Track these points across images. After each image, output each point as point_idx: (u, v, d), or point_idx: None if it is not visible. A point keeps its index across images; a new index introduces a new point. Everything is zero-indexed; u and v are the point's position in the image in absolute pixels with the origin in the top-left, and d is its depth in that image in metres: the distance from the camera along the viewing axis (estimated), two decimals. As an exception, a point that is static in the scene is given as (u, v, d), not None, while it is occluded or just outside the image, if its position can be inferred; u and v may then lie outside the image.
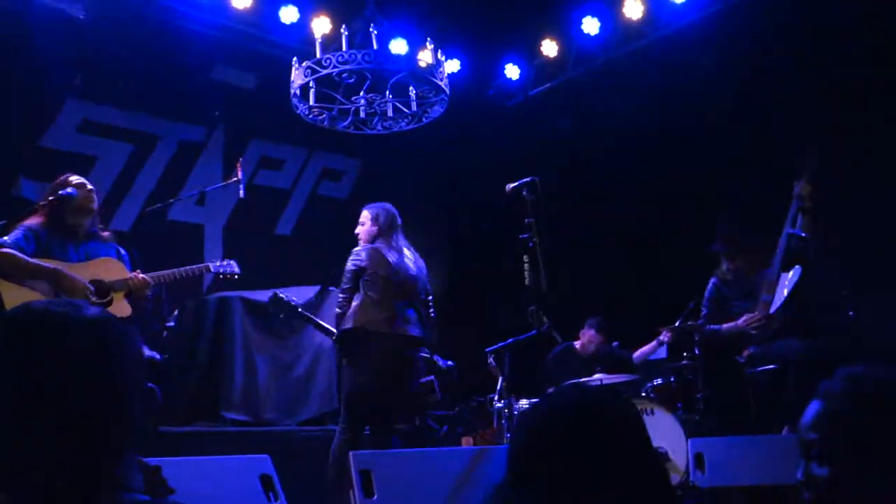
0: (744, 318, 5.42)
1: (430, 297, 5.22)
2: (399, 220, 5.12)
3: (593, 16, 7.37)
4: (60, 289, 3.83)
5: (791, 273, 5.30)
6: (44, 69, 6.56)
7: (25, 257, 3.81)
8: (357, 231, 5.09)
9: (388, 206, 5.12)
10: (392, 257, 4.90)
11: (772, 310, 5.35)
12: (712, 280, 5.67)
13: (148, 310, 4.83)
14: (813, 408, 1.50)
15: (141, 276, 4.15)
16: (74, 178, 4.14)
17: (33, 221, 4.00)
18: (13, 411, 1.02)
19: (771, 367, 5.26)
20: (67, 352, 1.05)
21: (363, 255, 4.90)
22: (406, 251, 5.06)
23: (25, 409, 1.02)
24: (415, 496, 3.01)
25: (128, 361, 1.11)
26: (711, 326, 5.62)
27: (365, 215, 5.08)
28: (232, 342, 6.06)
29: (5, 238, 3.85)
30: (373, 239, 4.98)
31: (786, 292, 5.29)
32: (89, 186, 4.19)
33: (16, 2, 6.24)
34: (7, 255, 3.76)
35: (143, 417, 1.17)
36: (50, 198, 3.99)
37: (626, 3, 7.04)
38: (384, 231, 5.02)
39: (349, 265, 4.92)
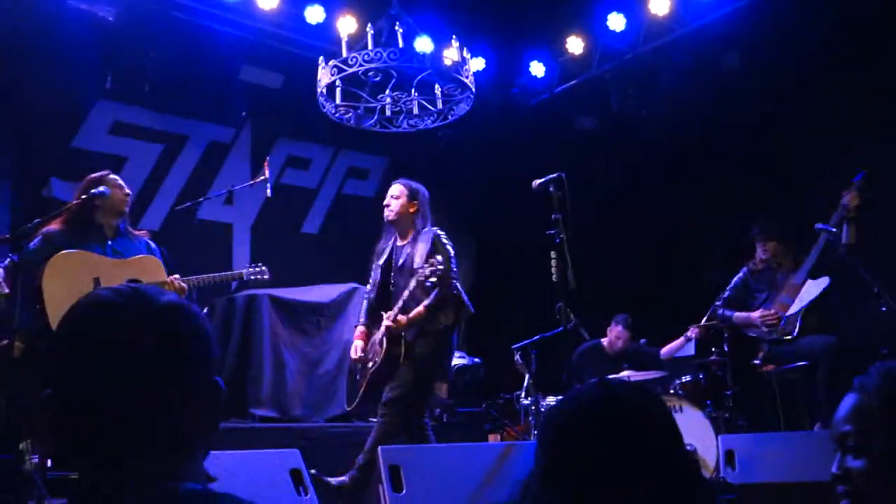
0: (759, 311, 5.44)
1: None
2: None
3: (619, 12, 7.33)
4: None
5: (817, 284, 5.27)
6: (74, 71, 6.66)
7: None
8: (390, 203, 4.67)
9: (421, 186, 4.81)
10: None
11: (787, 313, 5.33)
12: (743, 269, 5.76)
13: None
14: (848, 401, 1.50)
15: (178, 282, 4.20)
16: (112, 178, 4.19)
17: (53, 227, 4.05)
18: (84, 404, 1.02)
19: (801, 363, 5.23)
20: (139, 345, 1.03)
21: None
22: None
23: (96, 402, 1.01)
24: (443, 491, 3.03)
25: (200, 354, 1.09)
26: (725, 311, 5.69)
27: (401, 190, 4.68)
28: (260, 339, 6.13)
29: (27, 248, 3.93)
30: (414, 219, 4.61)
31: (805, 301, 5.28)
32: (126, 190, 4.25)
33: (47, 5, 6.33)
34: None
35: (210, 412, 1.13)
36: (83, 196, 4.05)
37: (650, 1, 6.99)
38: (426, 215, 4.70)
39: (451, 248, 4.57)
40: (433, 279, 4.27)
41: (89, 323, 1.05)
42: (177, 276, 4.25)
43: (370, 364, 4.48)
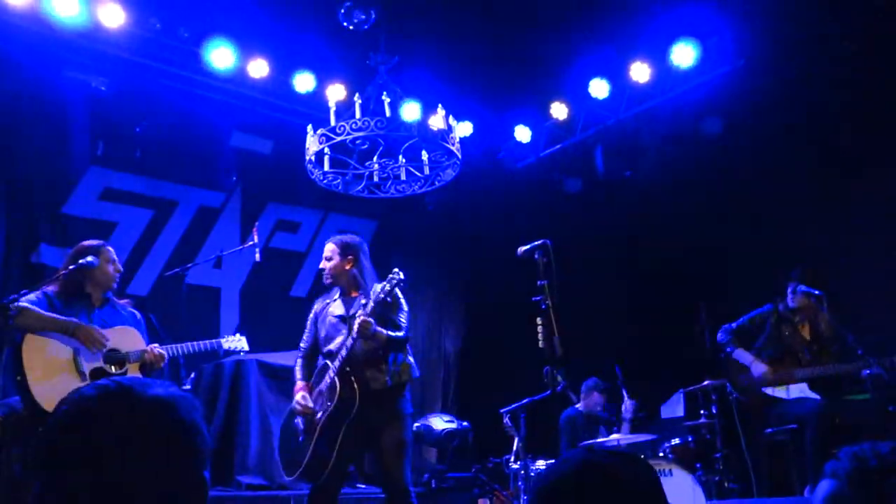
0: (764, 369, 5.30)
1: None
2: None
3: (601, 77, 7.51)
4: (77, 338, 3.89)
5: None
6: (67, 138, 6.79)
7: (44, 311, 3.89)
8: (325, 266, 4.43)
9: (354, 238, 4.54)
10: None
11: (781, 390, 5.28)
12: (769, 305, 5.48)
13: (165, 372, 4.85)
14: (823, 487, 1.52)
15: (157, 350, 4.20)
16: (107, 250, 4.21)
17: (49, 288, 4.08)
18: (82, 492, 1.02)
19: (790, 426, 5.21)
20: (127, 444, 1.04)
21: None
22: None
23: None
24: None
25: (188, 447, 1.09)
26: (731, 346, 5.45)
27: (332, 250, 4.42)
28: (247, 405, 6.09)
29: (22, 301, 3.91)
30: (353, 274, 4.37)
31: (794, 395, 5.23)
32: (119, 266, 4.27)
33: (43, 74, 6.46)
34: (27, 308, 3.86)
35: None
36: (70, 266, 4.07)
37: (633, 67, 7.18)
38: (364, 265, 4.44)
39: (405, 303, 4.41)
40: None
41: (75, 426, 1.06)
42: (155, 345, 4.24)
43: (319, 414, 4.21)
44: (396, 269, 4.18)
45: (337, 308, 4.43)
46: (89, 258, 4.05)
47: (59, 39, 6.24)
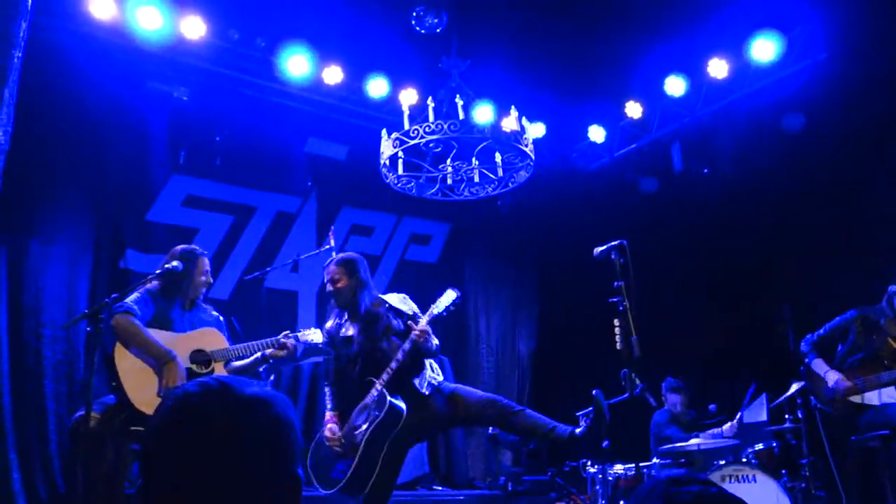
0: (838, 377, 5.04)
1: None
2: None
3: (678, 74, 7.36)
4: (162, 370, 3.91)
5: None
6: (150, 148, 7.01)
7: (143, 329, 3.97)
8: (334, 289, 4.42)
9: (354, 255, 4.62)
10: None
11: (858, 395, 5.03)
12: (852, 311, 5.16)
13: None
14: None
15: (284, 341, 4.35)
16: (203, 260, 4.33)
17: (152, 286, 4.20)
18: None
19: (882, 432, 4.99)
20: (226, 440, 1.08)
21: None
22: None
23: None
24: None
25: (283, 444, 1.13)
26: (811, 356, 5.21)
27: (339, 272, 4.43)
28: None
29: (127, 301, 4.01)
30: (359, 291, 4.41)
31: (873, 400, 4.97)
32: (210, 279, 4.36)
33: (128, 86, 6.70)
34: (126, 323, 3.91)
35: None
36: (157, 271, 4.19)
37: (710, 63, 7.01)
38: (368, 279, 4.54)
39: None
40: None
41: (180, 420, 1.10)
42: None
43: (364, 427, 4.18)
44: (456, 291, 4.34)
45: (350, 329, 4.43)
46: (174, 263, 4.16)
47: (142, 52, 6.47)
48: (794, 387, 5.62)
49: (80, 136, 6.49)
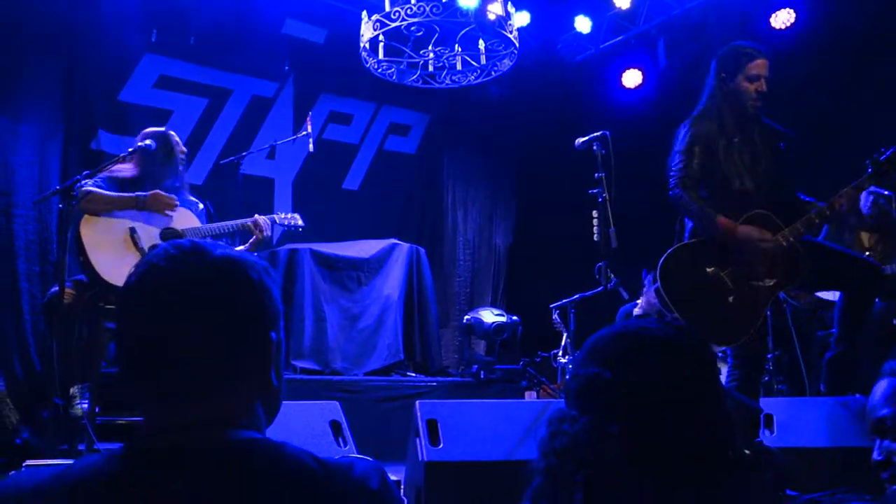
0: None
1: None
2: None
3: (668, -35, 7.14)
4: (148, 207, 4.02)
5: None
6: (121, 26, 6.73)
7: (107, 192, 3.98)
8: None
9: None
10: None
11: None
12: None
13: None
14: (881, 386, 1.49)
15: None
16: (168, 136, 4.27)
17: (116, 170, 4.14)
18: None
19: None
20: (196, 297, 1.07)
21: None
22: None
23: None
24: (479, 445, 3.07)
25: (254, 306, 1.11)
26: None
27: None
28: (301, 293, 6.20)
29: (89, 183, 3.99)
30: None
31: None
32: (182, 148, 4.34)
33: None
34: (92, 192, 3.95)
35: (261, 364, 1.14)
36: (129, 149, 4.12)
37: (703, -48, 6.79)
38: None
39: None
40: None
41: (148, 287, 1.09)
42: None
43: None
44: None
45: None
46: (147, 142, 4.09)
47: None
48: None
49: (49, 9, 6.21)
